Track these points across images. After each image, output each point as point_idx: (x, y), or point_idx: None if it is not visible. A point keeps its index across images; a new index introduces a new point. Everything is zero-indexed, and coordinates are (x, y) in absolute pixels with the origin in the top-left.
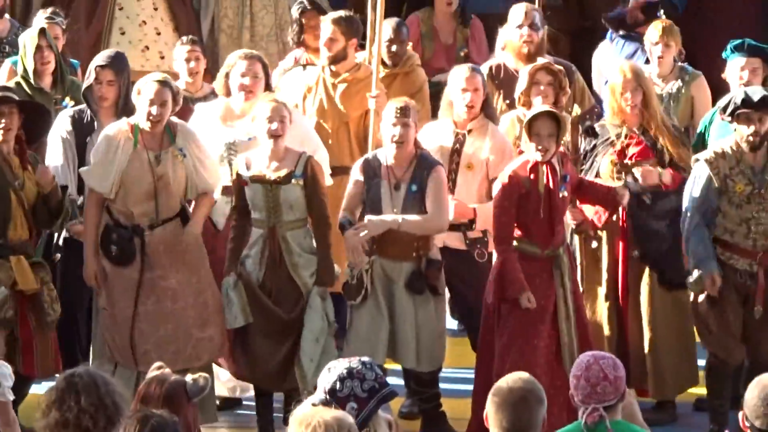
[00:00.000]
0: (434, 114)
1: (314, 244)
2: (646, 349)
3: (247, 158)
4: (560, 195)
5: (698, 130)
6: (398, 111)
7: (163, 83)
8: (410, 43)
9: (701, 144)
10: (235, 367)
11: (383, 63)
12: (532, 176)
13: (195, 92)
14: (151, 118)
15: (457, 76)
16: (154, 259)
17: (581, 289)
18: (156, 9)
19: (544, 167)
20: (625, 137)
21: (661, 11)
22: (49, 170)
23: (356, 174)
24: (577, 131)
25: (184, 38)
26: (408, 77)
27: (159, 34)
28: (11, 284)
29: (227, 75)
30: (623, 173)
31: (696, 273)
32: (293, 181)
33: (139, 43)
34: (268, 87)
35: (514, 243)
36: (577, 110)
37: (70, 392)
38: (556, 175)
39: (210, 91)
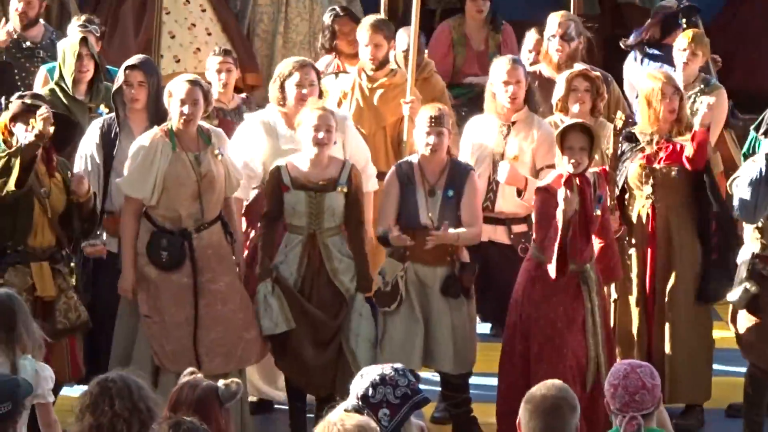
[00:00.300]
0: (467, 117)
1: (349, 250)
2: (667, 356)
3: (288, 164)
4: (594, 213)
5: (749, 139)
6: (432, 120)
7: (194, 83)
8: (426, 51)
9: (751, 151)
10: (283, 372)
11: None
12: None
13: (227, 103)
14: (184, 117)
15: (499, 69)
16: (203, 263)
17: (614, 297)
18: (204, 11)
19: (578, 181)
20: (656, 143)
21: (683, 20)
22: (84, 179)
23: (391, 183)
24: (618, 138)
25: (217, 48)
26: (428, 83)
27: (210, 34)
28: (29, 289)
29: (282, 85)
30: (650, 178)
31: (741, 288)
32: (338, 188)
33: (190, 45)
34: (320, 93)
35: (537, 252)
36: (621, 116)
37: (104, 397)
38: (589, 191)
39: (241, 102)
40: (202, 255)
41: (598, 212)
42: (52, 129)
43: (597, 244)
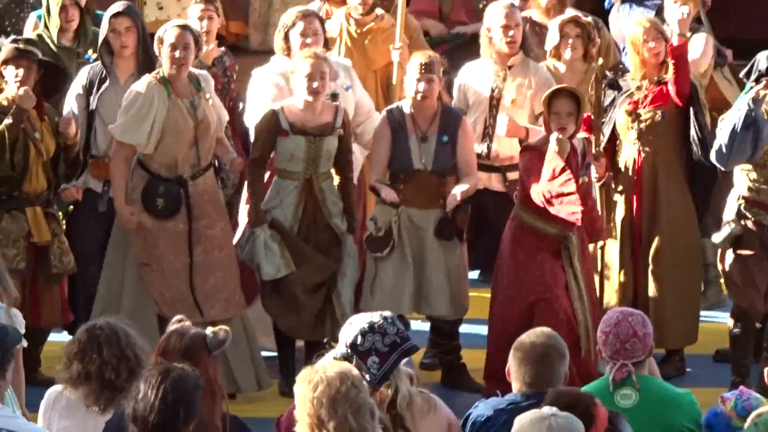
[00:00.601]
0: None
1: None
2: (651, 300)
3: (285, 108)
4: (580, 180)
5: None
6: (423, 66)
7: (184, 27)
8: None
9: None
10: (272, 316)
11: (371, 11)
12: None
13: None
14: (176, 62)
15: (496, 13)
16: (199, 209)
17: (600, 244)
18: None
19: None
20: (645, 89)
21: None
22: (72, 120)
23: (382, 129)
24: (600, 85)
25: None
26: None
27: None
28: (26, 235)
29: (286, 35)
30: (636, 123)
31: (727, 229)
32: (335, 132)
33: None
34: (326, 42)
35: (527, 216)
36: (601, 62)
37: (92, 344)
38: (577, 157)
39: (220, 54)
40: (198, 201)
41: (586, 179)
42: (31, 104)
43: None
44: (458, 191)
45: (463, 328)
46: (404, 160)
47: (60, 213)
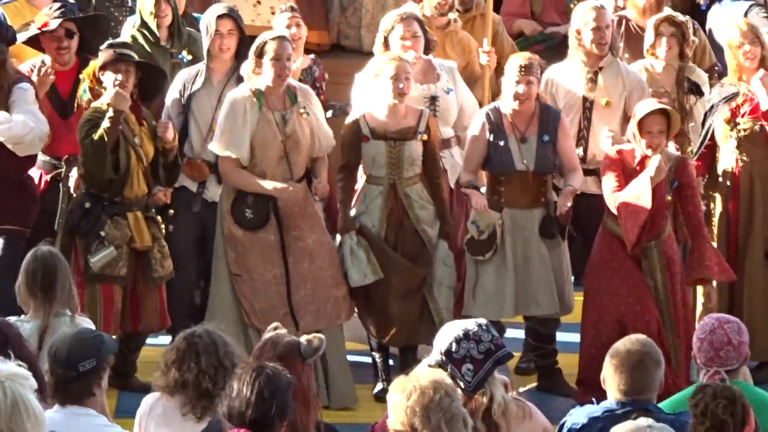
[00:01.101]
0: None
1: (430, 197)
2: (745, 308)
3: (366, 114)
4: (666, 196)
5: None
6: (522, 68)
7: (284, 38)
8: None
9: None
10: (367, 327)
11: (455, 9)
12: (638, 168)
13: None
14: (278, 74)
15: (585, 14)
16: (289, 221)
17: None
18: None
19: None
20: (743, 95)
21: None
22: (170, 125)
23: (480, 130)
24: (682, 88)
25: (282, 6)
26: (484, 18)
27: None
28: (128, 241)
29: (386, 39)
30: (734, 132)
31: None
32: (417, 137)
33: None
34: (427, 43)
35: (611, 223)
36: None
37: (190, 353)
38: (665, 176)
39: (311, 62)
40: (287, 212)
41: (669, 198)
42: (126, 104)
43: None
44: (568, 194)
45: (558, 332)
46: (505, 161)
47: (159, 217)
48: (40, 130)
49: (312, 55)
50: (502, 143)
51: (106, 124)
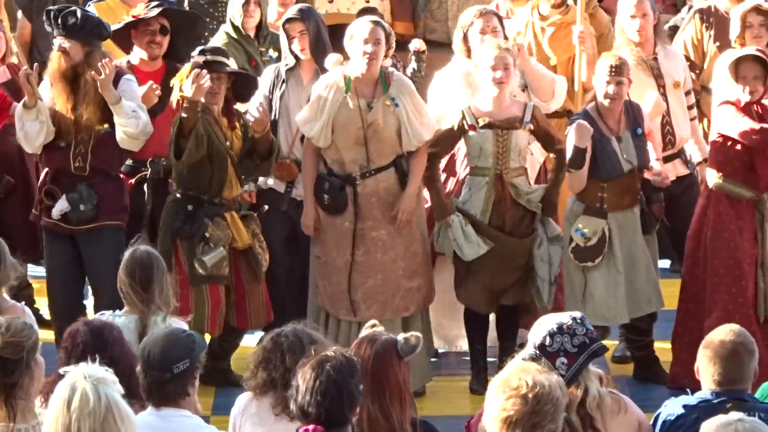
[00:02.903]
0: None
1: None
2: None
3: (471, 106)
4: None
5: None
6: (613, 69)
7: (377, 23)
8: None
9: None
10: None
11: (561, 5)
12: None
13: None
14: (366, 56)
15: (626, 3)
16: (365, 210)
17: None
18: None
19: (756, 108)
20: None
21: None
22: (266, 121)
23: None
24: None
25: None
26: (593, 19)
27: None
28: (229, 241)
29: (465, 36)
30: None
31: None
32: (524, 127)
33: None
34: (504, 39)
35: (721, 182)
36: None
37: (276, 352)
38: (767, 120)
39: (391, 64)
40: (365, 202)
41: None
42: (202, 94)
43: None
44: (659, 167)
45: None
46: (614, 164)
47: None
48: (150, 130)
49: (392, 57)
50: (606, 146)
51: (182, 113)
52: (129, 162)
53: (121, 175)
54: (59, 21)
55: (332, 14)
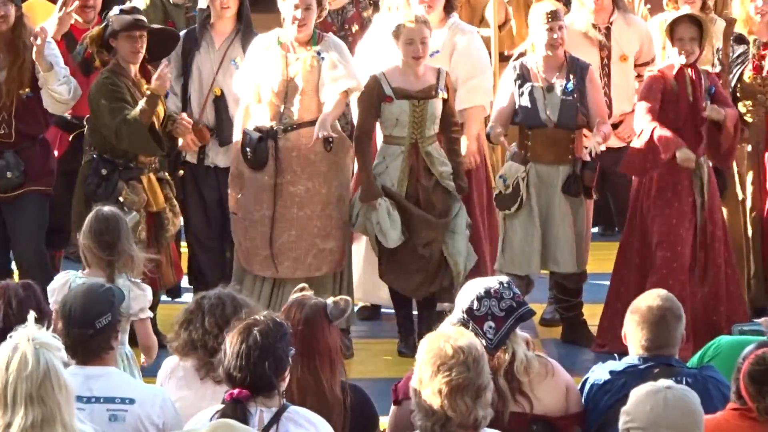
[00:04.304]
0: None
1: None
2: None
3: (386, 73)
4: (704, 104)
5: None
6: (549, 15)
7: None
8: None
9: None
10: (388, 283)
11: None
12: (676, 81)
13: (332, 1)
14: (297, 21)
15: None
16: (285, 165)
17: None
18: None
19: (690, 72)
20: (757, 50)
21: None
22: (189, 123)
23: (507, 83)
24: (728, 40)
25: None
26: None
27: None
28: (144, 205)
29: None
30: (762, 87)
31: None
32: (438, 95)
33: None
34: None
35: None
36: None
37: (197, 314)
38: (701, 83)
39: (348, 2)
40: (286, 156)
41: (709, 104)
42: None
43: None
44: (598, 137)
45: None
46: (531, 114)
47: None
48: (79, 93)
49: None
50: (527, 94)
51: (142, 105)
52: (67, 117)
53: (53, 133)
54: None
55: None
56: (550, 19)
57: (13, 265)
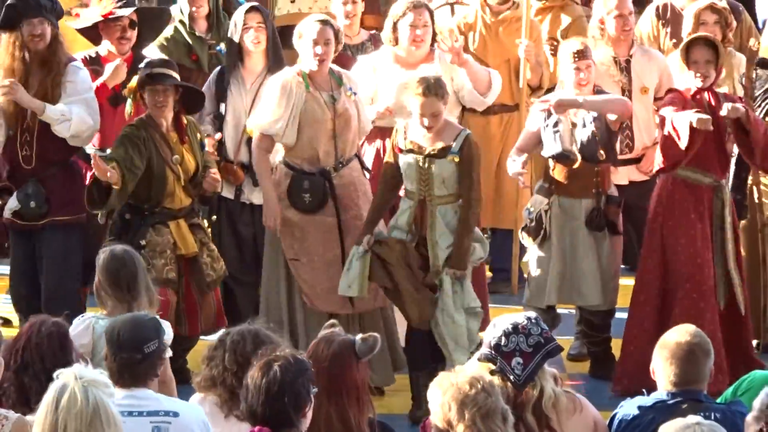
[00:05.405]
0: None
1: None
2: None
3: (405, 125)
4: (725, 123)
5: None
6: (576, 54)
7: (325, 22)
8: None
9: None
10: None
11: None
12: (694, 102)
13: (352, 36)
14: (317, 57)
15: (607, 2)
16: (346, 201)
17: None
18: None
19: (707, 95)
20: None
21: None
22: (217, 180)
23: (536, 116)
24: (751, 66)
25: None
26: (564, 11)
27: None
28: (174, 247)
29: (395, 25)
30: None
31: None
32: (449, 156)
33: None
34: (434, 34)
35: (679, 170)
36: (755, 43)
37: (218, 351)
38: (720, 104)
39: (366, 38)
40: (343, 193)
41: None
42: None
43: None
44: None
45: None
46: (555, 145)
47: (206, 221)
48: (96, 127)
49: (373, 31)
50: (552, 124)
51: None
52: (95, 150)
53: (79, 162)
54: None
55: (294, 14)
56: (576, 59)
57: None
